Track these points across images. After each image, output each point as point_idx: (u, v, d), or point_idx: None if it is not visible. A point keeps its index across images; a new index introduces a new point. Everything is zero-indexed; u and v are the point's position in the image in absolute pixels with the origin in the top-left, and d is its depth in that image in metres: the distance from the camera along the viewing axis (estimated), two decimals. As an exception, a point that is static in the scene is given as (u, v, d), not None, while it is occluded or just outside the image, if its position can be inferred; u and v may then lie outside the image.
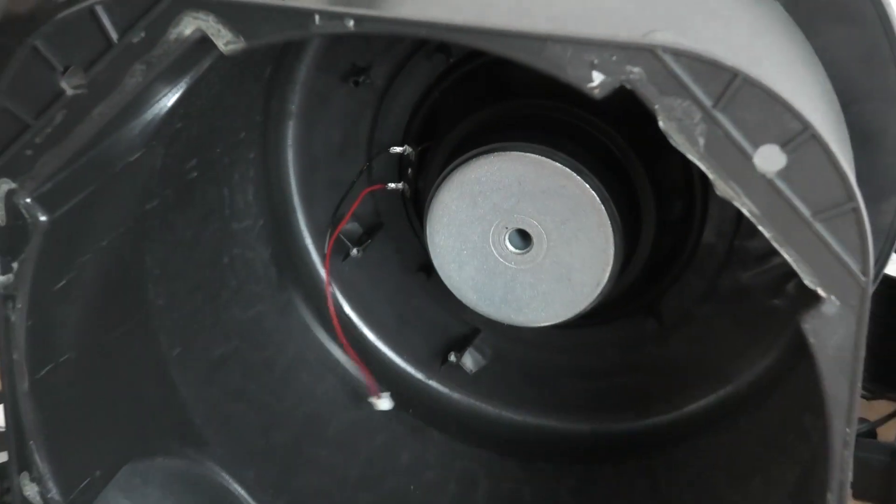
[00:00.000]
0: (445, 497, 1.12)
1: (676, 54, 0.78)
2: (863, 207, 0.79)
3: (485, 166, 1.00)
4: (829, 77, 1.06)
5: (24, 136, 0.89)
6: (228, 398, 1.10)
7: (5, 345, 0.94)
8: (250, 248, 1.11)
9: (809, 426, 0.86)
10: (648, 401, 1.12)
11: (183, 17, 0.84)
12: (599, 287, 1.02)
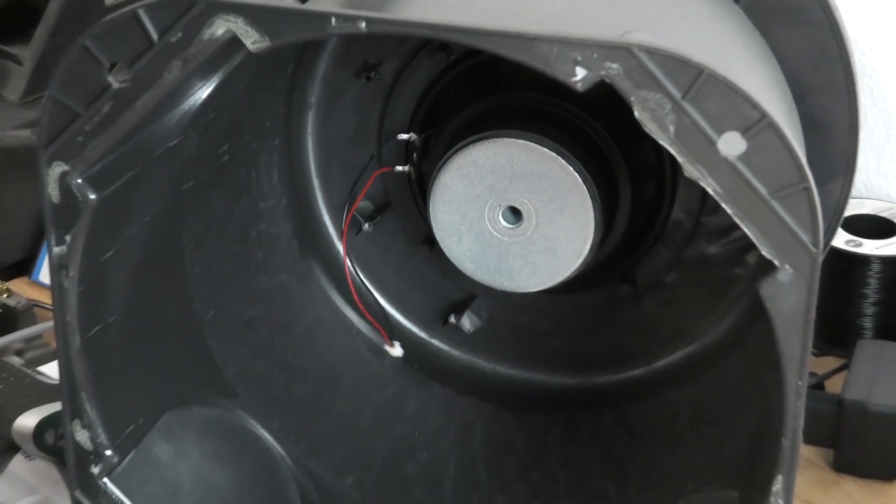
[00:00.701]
0: (446, 442, 1.12)
1: (650, 52, 0.78)
2: (814, 187, 0.79)
3: (481, 151, 1.00)
4: (783, 73, 1.06)
5: (75, 124, 0.88)
6: (255, 355, 1.09)
7: (59, 308, 0.94)
8: (275, 223, 1.11)
9: (766, 380, 0.86)
10: (624, 357, 1.12)
11: (215, 19, 0.84)
12: (581, 257, 1.02)
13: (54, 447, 1.11)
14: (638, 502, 1.03)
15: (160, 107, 0.89)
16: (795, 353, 0.82)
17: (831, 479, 1.17)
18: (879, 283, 1.29)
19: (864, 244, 1.29)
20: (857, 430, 1.16)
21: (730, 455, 1.00)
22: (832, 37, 1.06)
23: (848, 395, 1.16)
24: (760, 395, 0.91)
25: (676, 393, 1.09)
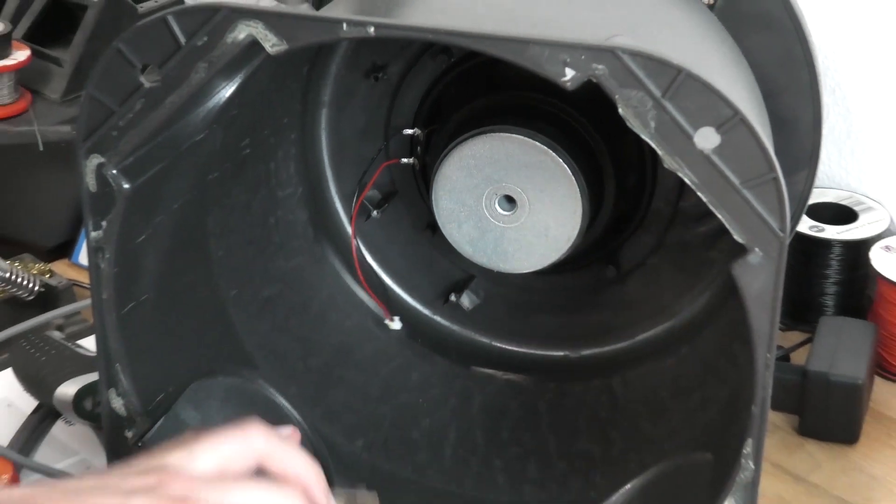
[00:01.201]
0: (447, 409, 1.12)
1: (633, 54, 0.78)
2: (781, 178, 0.79)
3: (479, 145, 1.00)
4: (753, 74, 1.05)
5: (110, 120, 0.88)
6: (274, 331, 1.09)
7: (96, 287, 0.94)
8: (291, 211, 1.11)
9: (738, 352, 0.86)
10: (609, 332, 1.12)
11: (237, 24, 0.84)
12: (570, 241, 1.02)
13: (92, 413, 1.11)
14: (621, 463, 1.03)
15: (187, 105, 0.89)
16: (764, 328, 0.82)
17: (796, 442, 1.17)
18: (840, 265, 1.29)
19: (826, 230, 1.29)
20: (819, 398, 1.16)
21: (705, 421, 1.00)
22: (798, 41, 1.06)
23: (811, 367, 1.16)
24: (733, 367, 0.91)
25: (657, 364, 1.09)
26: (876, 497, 1.11)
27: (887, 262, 1.24)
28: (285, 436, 0.85)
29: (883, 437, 1.18)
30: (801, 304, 1.30)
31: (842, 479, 1.13)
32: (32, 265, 1.30)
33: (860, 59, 1.31)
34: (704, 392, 1.02)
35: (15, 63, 1.32)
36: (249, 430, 0.82)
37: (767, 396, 0.84)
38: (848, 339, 1.19)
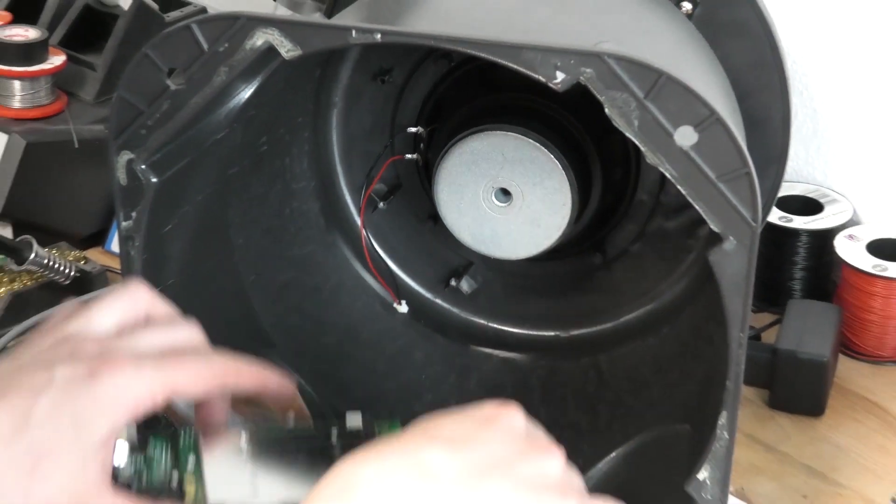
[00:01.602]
0: (447, 385, 1.12)
1: (618, 59, 0.78)
2: (754, 172, 0.79)
3: (477, 142, 1.00)
4: (728, 78, 1.05)
5: (139, 119, 0.88)
6: (289, 312, 1.09)
7: (127, 272, 0.94)
8: (305, 202, 1.11)
9: (713, 332, 0.86)
10: (595, 314, 1.12)
11: (255, 31, 0.84)
12: (560, 231, 1.02)
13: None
14: (606, 434, 1.03)
15: (210, 105, 0.89)
16: (738, 310, 0.82)
17: (767, 414, 1.17)
18: (807, 252, 1.29)
19: (794, 220, 1.29)
20: (788, 374, 1.16)
21: (683, 395, 1.00)
22: (769, 48, 1.06)
23: (781, 345, 1.16)
24: (709, 345, 0.91)
25: (639, 343, 1.09)
26: (840, 465, 1.11)
27: (850, 249, 1.24)
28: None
29: (847, 411, 1.17)
30: (772, 288, 1.30)
31: (809, 449, 1.13)
32: (68, 252, 1.30)
33: (826, 65, 1.31)
34: (683, 368, 1.02)
35: (52, 67, 1.32)
36: (132, 288, 0.83)
37: (740, 372, 0.84)
38: (814, 320, 1.19)
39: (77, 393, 0.73)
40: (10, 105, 1.32)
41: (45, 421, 0.72)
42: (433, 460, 0.70)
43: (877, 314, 1.23)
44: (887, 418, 1.17)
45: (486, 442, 0.72)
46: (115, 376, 0.74)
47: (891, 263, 1.23)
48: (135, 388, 0.75)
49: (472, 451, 0.71)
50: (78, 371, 0.74)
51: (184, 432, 0.83)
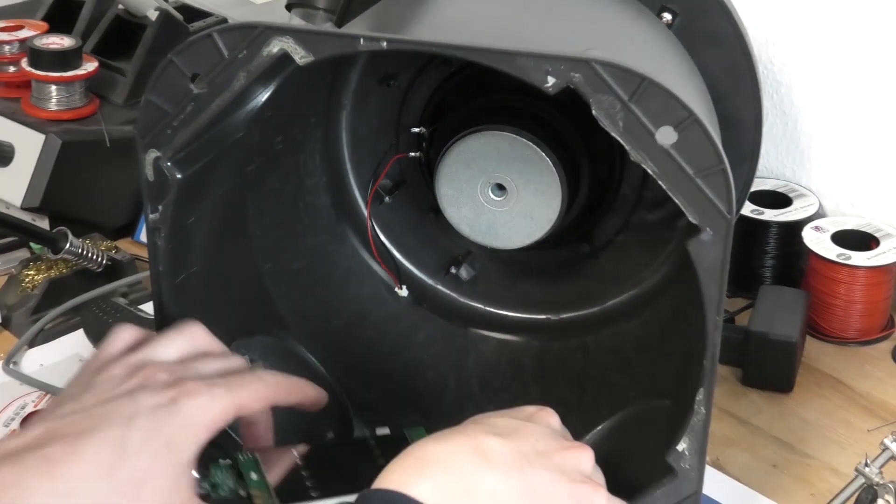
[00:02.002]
0: (447, 363, 1.12)
1: (604, 65, 0.78)
2: (729, 169, 0.79)
3: (475, 141, 1.00)
4: (704, 82, 1.05)
5: (165, 120, 0.88)
6: (303, 297, 1.09)
7: (154, 261, 0.94)
8: (317, 196, 1.11)
9: (691, 315, 0.85)
10: (583, 299, 1.12)
11: (272, 39, 0.84)
12: (551, 223, 1.01)
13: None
14: (593, 408, 1.03)
15: (230, 107, 0.88)
16: (714, 295, 0.82)
17: (740, 391, 1.17)
18: (777, 242, 1.29)
19: (765, 213, 1.29)
20: (760, 354, 1.16)
21: (664, 373, 1.00)
22: (742, 55, 1.06)
23: (753, 327, 1.16)
24: (687, 327, 0.90)
25: (623, 326, 1.09)
26: (807, 437, 1.11)
27: (816, 240, 1.24)
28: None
29: (813, 387, 1.17)
30: (745, 275, 1.29)
31: (779, 422, 1.13)
32: (101, 242, 1.30)
33: (794, 71, 1.31)
34: (663, 348, 1.02)
35: (85, 73, 1.32)
36: (189, 324, 0.87)
37: (716, 352, 0.84)
38: (784, 304, 1.19)
39: (163, 420, 0.76)
40: (47, 107, 1.32)
41: (140, 448, 0.75)
42: (490, 445, 0.75)
43: (841, 299, 1.23)
44: (851, 395, 1.17)
45: (530, 434, 0.79)
46: (194, 401, 0.77)
47: (854, 252, 1.23)
48: (212, 409, 0.78)
49: (519, 441, 0.77)
50: (160, 399, 0.77)
51: (241, 455, 0.85)
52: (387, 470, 0.74)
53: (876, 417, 1.13)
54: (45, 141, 1.28)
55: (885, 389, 1.17)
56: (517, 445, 0.76)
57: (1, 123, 1.31)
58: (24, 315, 1.23)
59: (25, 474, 0.72)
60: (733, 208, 0.79)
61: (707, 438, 0.87)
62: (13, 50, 1.37)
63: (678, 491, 0.89)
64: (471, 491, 0.73)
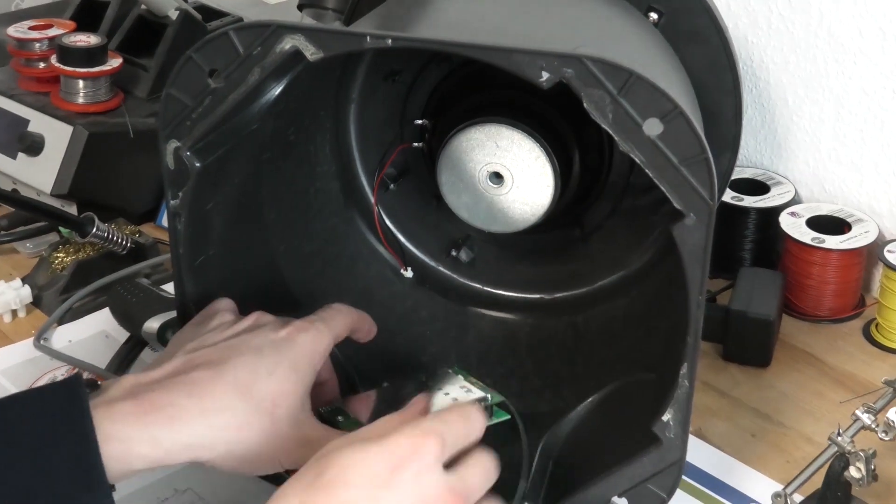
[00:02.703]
0: (448, 338, 1.12)
1: (594, 61, 0.78)
2: (711, 158, 0.79)
3: (474, 132, 1.00)
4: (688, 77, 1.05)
5: (184, 112, 0.88)
6: (314, 277, 1.09)
7: (174, 244, 0.94)
8: (327, 183, 1.10)
9: (675, 295, 0.85)
10: (574, 279, 1.11)
11: (284, 37, 0.84)
12: (545, 208, 1.01)
13: (172, 342, 1.11)
14: (583, 381, 1.03)
15: (245, 101, 0.88)
16: (697, 276, 0.82)
17: (721, 365, 1.16)
18: (755, 226, 1.29)
19: (745, 199, 1.29)
20: (739, 331, 1.15)
21: (650, 349, 1.00)
22: (723, 52, 1.05)
23: (733, 306, 1.16)
24: (672, 306, 0.90)
25: (612, 304, 1.08)
26: (783, 408, 1.11)
27: (792, 224, 1.24)
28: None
29: (789, 362, 1.17)
30: (725, 257, 1.29)
31: (756, 394, 1.13)
32: (125, 227, 1.30)
33: (772, 66, 1.31)
34: (649, 326, 1.02)
35: (110, 69, 1.32)
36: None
37: (699, 329, 0.84)
38: (761, 284, 1.19)
39: (285, 350, 0.85)
40: (75, 101, 1.31)
41: (271, 372, 0.83)
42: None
43: (815, 280, 1.23)
44: (824, 368, 1.17)
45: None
46: (306, 335, 0.87)
47: (827, 236, 1.23)
48: (321, 339, 0.88)
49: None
50: (279, 335, 0.86)
51: (321, 409, 0.92)
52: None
53: (847, 390, 1.13)
54: (73, 132, 1.28)
55: (856, 364, 1.17)
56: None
57: (32, 116, 1.31)
58: (54, 294, 1.23)
59: (177, 395, 0.78)
60: (715, 195, 0.79)
61: (690, 410, 0.87)
62: (43, 47, 1.36)
63: (663, 458, 0.89)
64: None
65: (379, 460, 0.70)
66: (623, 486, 0.90)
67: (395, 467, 0.70)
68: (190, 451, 0.78)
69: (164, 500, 0.98)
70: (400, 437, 0.71)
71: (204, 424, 0.78)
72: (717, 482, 1.01)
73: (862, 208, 1.28)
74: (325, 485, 0.69)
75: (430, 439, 0.72)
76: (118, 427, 0.76)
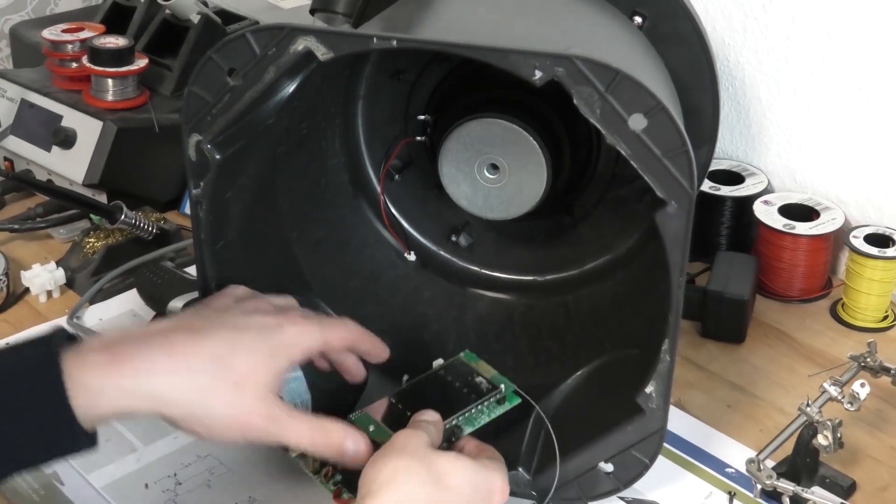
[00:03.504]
0: (449, 317, 1.12)
1: (583, 60, 0.78)
2: (691, 150, 0.79)
3: (473, 126, 0.99)
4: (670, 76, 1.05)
5: (205, 108, 0.88)
6: (324, 262, 1.09)
7: (196, 230, 0.94)
8: (337, 175, 1.10)
9: (658, 278, 0.85)
10: (565, 262, 1.11)
11: (297, 38, 0.84)
12: (538, 197, 1.01)
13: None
14: (573, 357, 1.03)
15: (261, 98, 0.88)
16: (677, 260, 0.82)
17: (699, 342, 1.16)
18: (731, 214, 1.29)
19: (721, 189, 1.29)
20: (716, 310, 1.15)
21: (634, 326, 1.00)
22: (703, 53, 1.05)
23: (711, 287, 1.16)
24: (655, 287, 0.90)
25: (600, 286, 1.08)
26: (757, 381, 1.11)
27: (765, 212, 1.24)
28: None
29: (762, 339, 1.17)
30: (703, 243, 1.29)
31: (732, 368, 1.12)
32: (151, 214, 1.29)
33: (747, 66, 1.30)
34: (634, 306, 1.02)
35: (137, 68, 1.32)
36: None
37: (679, 308, 0.84)
38: (737, 267, 1.19)
39: (268, 335, 0.82)
40: (105, 98, 1.31)
41: (248, 350, 0.80)
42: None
43: (786, 263, 1.23)
44: (794, 345, 1.16)
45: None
46: (295, 327, 0.83)
47: (797, 223, 1.22)
48: (307, 337, 0.84)
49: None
50: (269, 321, 0.83)
51: (352, 415, 0.90)
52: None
53: (815, 364, 1.13)
54: (103, 127, 1.28)
55: (824, 341, 1.17)
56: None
57: (65, 112, 1.31)
58: (86, 276, 1.23)
59: (151, 351, 0.77)
60: (695, 185, 0.79)
61: (671, 383, 0.87)
62: (75, 49, 1.36)
63: (646, 427, 0.89)
64: None
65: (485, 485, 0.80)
66: (609, 453, 0.91)
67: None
68: (154, 402, 0.76)
69: (186, 465, 0.98)
70: (497, 477, 0.82)
71: (171, 381, 0.77)
72: (696, 449, 1.01)
73: (829, 197, 1.27)
74: (444, 487, 0.77)
75: (507, 488, 0.82)
76: (87, 376, 0.75)
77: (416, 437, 0.80)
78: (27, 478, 0.96)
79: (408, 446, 0.78)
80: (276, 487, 0.95)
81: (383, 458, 0.77)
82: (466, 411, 0.89)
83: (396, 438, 0.80)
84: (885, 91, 1.20)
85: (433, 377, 0.94)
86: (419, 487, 0.75)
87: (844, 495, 0.95)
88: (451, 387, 0.92)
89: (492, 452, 0.84)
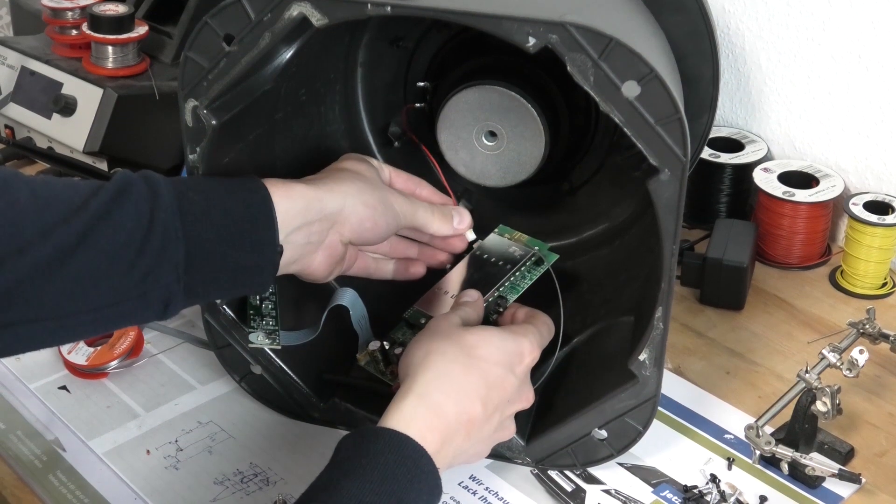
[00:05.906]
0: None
1: (577, 27, 0.78)
2: (684, 118, 0.79)
3: (470, 93, 1.00)
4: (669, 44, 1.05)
5: (202, 74, 0.88)
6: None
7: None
8: (337, 142, 1.10)
9: (653, 245, 0.85)
10: (563, 229, 1.12)
11: (292, 4, 0.84)
12: (536, 165, 1.02)
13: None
14: (570, 323, 1.02)
15: (258, 64, 0.88)
16: (670, 227, 0.82)
17: (698, 308, 1.17)
18: (731, 181, 1.29)
19: (721, 156, 1.28)
20: (715, 277, 1.15)
21: (629, 293, 1.00)
22: (702, 20, 1.05)
23: (710, 254, 1.16)
24: (649, 255, 0.90)
25: (597, 253, 1.09)
26: (755, 347, 1.11)
27: (765, 179, 1.24)
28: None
29: (761, 306, 1.17)
30: (703, 210, 1.29)
31: (731, 335, 1.13)
32: (152, 181, 1.29)
33: (747, 34, 1.30)
34: (629, 273, 1.02)
35: (137, 36, 1.31)
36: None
37: (672, 276, 0.84)
38: (736, 234, 1.19)
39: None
40: (105, 66, 1.31)
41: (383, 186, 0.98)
42: (478, 420, 0.84)
43: (785, 230, 1.23)
44: (793, 312, 1.17)
45: (506, 396, 0.87)
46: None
47: (797, 190, 1.22)
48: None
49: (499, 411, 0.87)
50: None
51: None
52: (400, 410, 0.79)
53: (814, 331, 1.13)
54: (104, 94, 1.28)
55: (822, 307, 1.17)
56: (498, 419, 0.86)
57: (65, 79, 1.31)
58: (87, 243, 1.23)
59: (326, 180, 0.96)
60: (688, 152, 0.79)
61: (664, 350, 0.88)
62: (75, 16, 1.36)
63: (639, 394, 0.89)
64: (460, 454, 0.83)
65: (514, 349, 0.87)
66: (603, 419, 0.91)
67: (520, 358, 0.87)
68: (331, 196, 0.91)
69: (188, 431, 0.99)
70: (524, 341, 0.88)
71: (342, 190, 0.93)
72: (695, 415, 1.02)
73: (829, 164, 1.27)
74: (476, 358, 0.84)
75: (538, 350, 0.89)
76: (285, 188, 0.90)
77: (445, 319, 0.88)
78: (29, 444, 0.97)
79: (438, 328, 0.86)
80: (276, 454, 0.96)
81: (417, 342, 0.85)
82: (506, 280, 0.97)
83: (430, 324, 0.87)
84: (886, 59, 1.20)
85: (472, 259, 1.01)
86: (451, 363, 0.82)
87: (843, 461, 0.96)
88: (488, 263, 1.00)
89: (542, 318, 0.93)
